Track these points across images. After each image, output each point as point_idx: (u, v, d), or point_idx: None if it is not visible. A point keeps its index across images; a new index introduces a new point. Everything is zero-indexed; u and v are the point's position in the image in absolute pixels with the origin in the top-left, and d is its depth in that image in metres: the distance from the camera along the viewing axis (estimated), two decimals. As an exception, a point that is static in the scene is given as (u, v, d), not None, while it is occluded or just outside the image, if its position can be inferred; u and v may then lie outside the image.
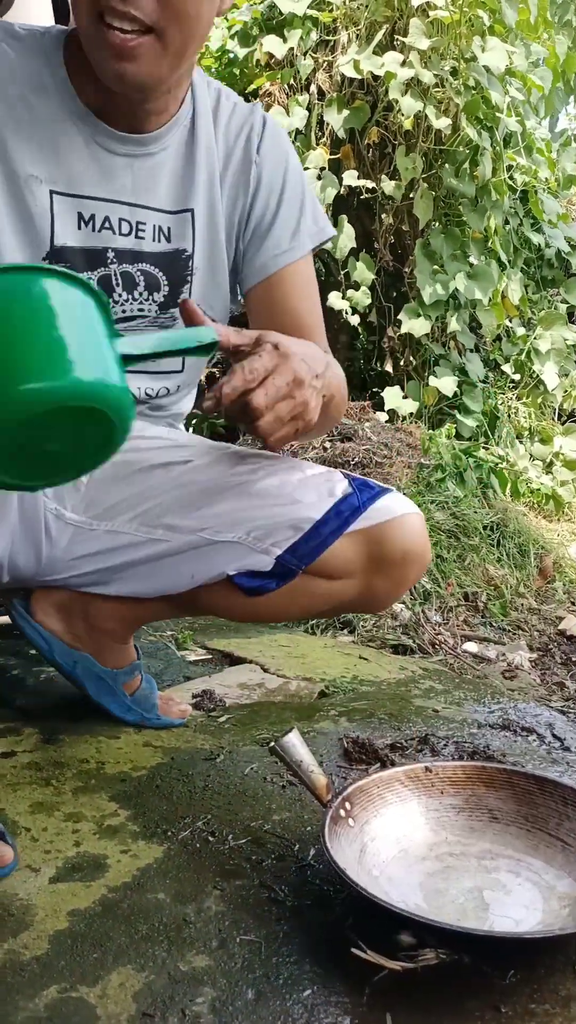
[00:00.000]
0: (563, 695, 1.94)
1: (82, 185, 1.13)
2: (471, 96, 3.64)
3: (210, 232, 1.24)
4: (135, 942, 0.93)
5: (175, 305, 1.23)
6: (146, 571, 1.26)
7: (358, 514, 1.22)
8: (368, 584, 1.27)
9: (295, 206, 1.26)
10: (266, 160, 1.24)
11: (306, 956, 0.92)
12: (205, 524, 1.22)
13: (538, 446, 4.04)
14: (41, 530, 1.23)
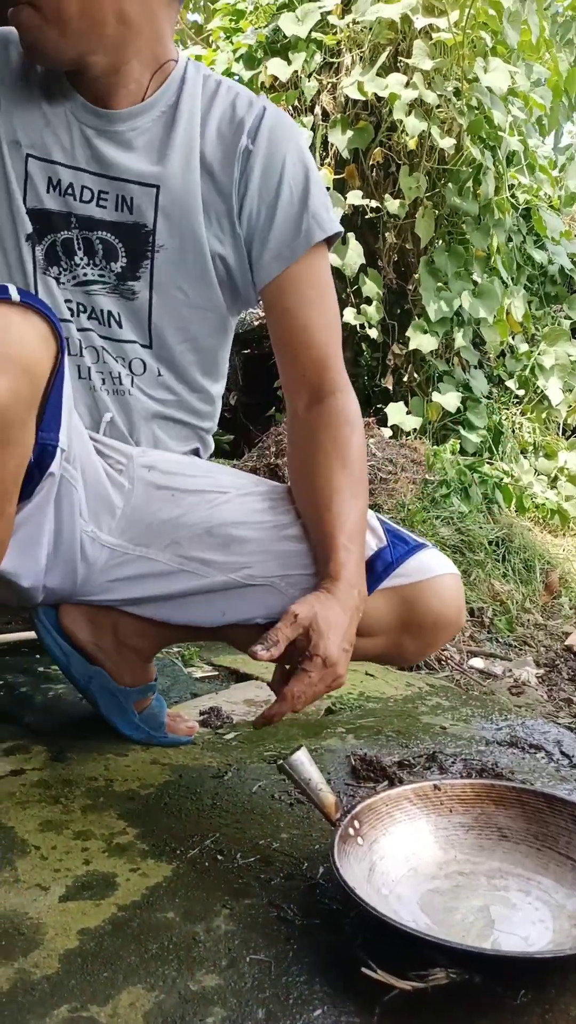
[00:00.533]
0: (570, 711, 1.94)
1: (54, 151, 1.20)
2: (474, 116, 3.68)
3: (181, 214, 1.22)
4: (145, 961, 0.93)
5: (134, 278, 1.24)
6: (180, 602, 1.26)
7: (391, 570, 1.20)
8: (396, 643, 1.26)
9: (296, 201, 1.22)
10: (260, 151, 1.21)
11: (316, 975, 0.92)
12: (240, 565, 1.21)
13: (543, 461, 4.05)
14: (77, 552, 1.22)
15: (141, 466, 1.28)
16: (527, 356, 4.31)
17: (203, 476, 1.31)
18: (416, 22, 3.58)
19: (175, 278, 1.25)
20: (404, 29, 3.72)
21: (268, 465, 3.13)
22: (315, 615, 1.05)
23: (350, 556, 1.12)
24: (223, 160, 1.22)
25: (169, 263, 1.24)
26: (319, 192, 1.24)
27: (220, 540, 1.23)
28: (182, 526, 1.25)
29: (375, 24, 3.70)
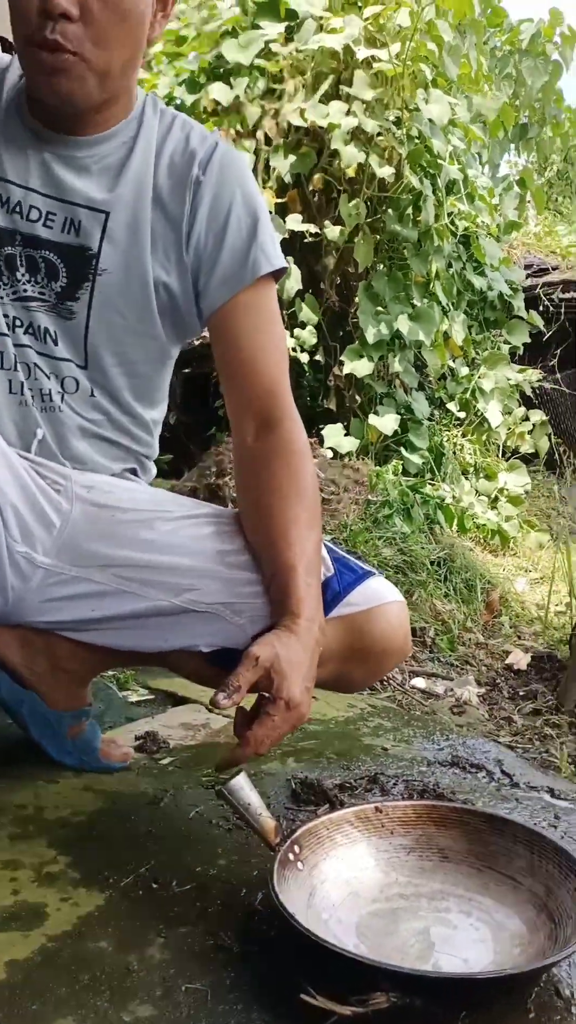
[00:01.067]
0: (511, 730, 1.95)
1: (8, 171, 1.21)
2: (414, 146, 3.75)
3: (128, 241, 1.23)
4: (76, 992, 0.89)
5: (73, 299, 1.24)
6: (120, 627, 1.23)
7: (339, 599, 1.19)
8: (343, 671, 1.24)
9: (244, 232, 1.24)
10: (210, 182, 1.23)
11: (253, 1004, 0.89)
12: (183, 588, 1.19)
13: (483, 482, 4.11)
14: (6, 572, 1.18)
15: (80, 486, 1.26)
16: (467, 379, 4.39)
17: (144, 498, 1.29)
18: (358, 53, 3.65)
19: (115, 303, 1.25)
20: (346, 59, 3.79)
21: (208, 486, 3.11)
22: (276, 656, 1.03)
23: (309, 591, 1.10)
24: (174, 189, 1.24)
25: (110, 287, 1.25)
26: (267, 227, 1.26)
27: (161, 563, 1.21)
28: (122, 547, 1.22)
29: (317, 53, 3.76)
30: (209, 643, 1.20)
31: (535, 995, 0.90)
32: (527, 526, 3.99)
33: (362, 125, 3.64)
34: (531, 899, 1.04)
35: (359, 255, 3.82)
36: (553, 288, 5.67)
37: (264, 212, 1.28)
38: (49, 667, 1.32)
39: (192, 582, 1.20)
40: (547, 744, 1.84)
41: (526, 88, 5.25)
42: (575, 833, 1.30)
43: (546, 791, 1.47)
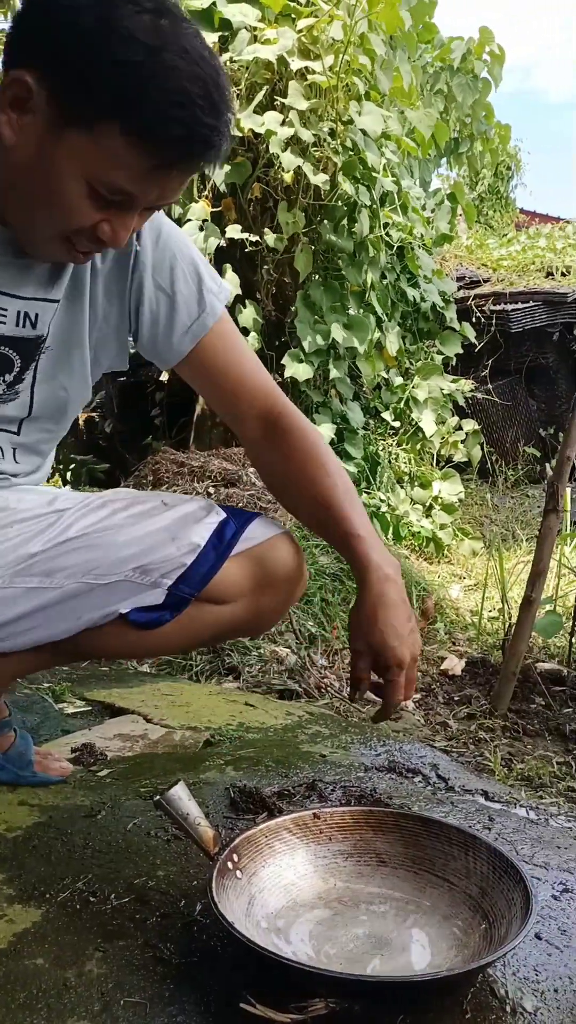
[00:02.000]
0: (446, 735, 1.98)
1: None
2: (348, 156, 3.79)
3: (69, 318, 1.23)
4: (12, 1011, 0.88)
5: (20, 382, 1.23)
6: (28, 623, 1.21)
7: (237, 537, 1.25)
8: (256, 604, 1.30)
9: (192, 277, 1.27)
10: (147, 245, 1.24)
11: (194, 1015, 0.89)
12: (89, 568, 1.19)
13: (418, 490, 4.16)
14: None
15: None
16: (401, 389, 4.44)
17: (33, 496, 1.30)
18: (292, 64, 3.68)
19: (59, 376, 1.26)
20: (280, 70, 3.81)
21: (146, 495, 3.08)
22: (368, 639, 1.15)
23: (365, 541, 1.21)
24: (116, 265, 1.24)
25: (52, 362, 1.24)
26: (207, 268, 1.31)
27: (62, 552, 1.20)
28: (19, 546, 1.21)
29: (252, 64, 3.77)
30: (129, 605, 1.20)
31: (471, 996, 0.92)
32: (461, 534, 4.05)
33: (298, 134, 3.67)
34: (466, 900, 1.06)
35: (299, 264, 3.85)
36: (484, 300, 5.80)
37: (200, 256, 1.32)
38: None
39: (94, 560, 1.19)
40: (481, 748, 1.87)
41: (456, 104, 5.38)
42: (508, 835, 1.33)
43: (480, 794, 1.50)
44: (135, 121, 0.96)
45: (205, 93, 0.97)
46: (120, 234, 1.06)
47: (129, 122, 0.96)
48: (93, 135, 0.97)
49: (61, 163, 1.00)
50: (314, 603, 2.62)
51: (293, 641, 2.46)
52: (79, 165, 0.99)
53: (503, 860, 1.07)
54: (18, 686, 1.95)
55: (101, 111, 0.96)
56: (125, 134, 0.97)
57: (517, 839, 1.32)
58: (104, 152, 0.98)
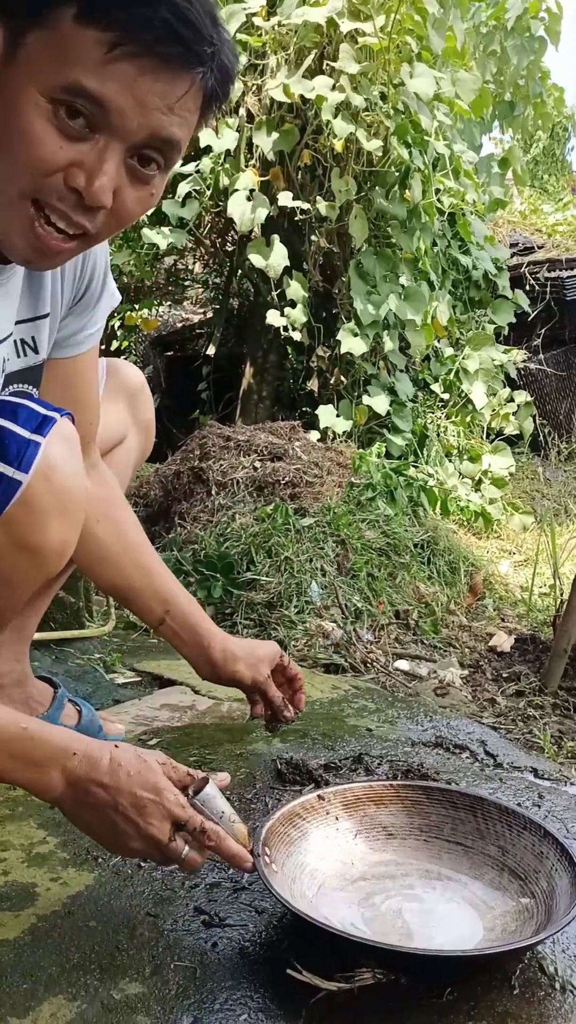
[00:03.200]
0: (494, 711, 1.97)
1: None
2: (400, 120, 3.72)
3: (54, 326, 1.13)
4: (66, 971, 0.91)
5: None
6: None
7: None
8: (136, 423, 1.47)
9: (111, 288, 1.18)
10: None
11: (242, 980, 0.90)
12: None
13: (467, 464, 4.11)
14: None
15: None
16: (451, 360, 4.38)
17: None
18: (342, 26, 3.60)
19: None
20: (330, 33, 3.74)
21: (192, 468, 3.10)
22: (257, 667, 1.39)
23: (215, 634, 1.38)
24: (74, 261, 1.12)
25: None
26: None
27: None
28: None
29: (301, 27, 3.71)
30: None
31: (519, 972, 0.92)
32: (511, 508, 4.00)
33: (349, 99, 3.60)
34: (486, 860, 1.07)
35: (354, 230, 3.79)
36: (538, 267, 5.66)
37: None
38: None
39: None
40: (530, 725, 1.85)
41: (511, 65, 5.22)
42: (559, 812, 1.32)
43: (529, 771, 1.49)
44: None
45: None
46: (97, 181, 0.84)
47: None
48: (48, 30, 0.81)
49: (19, 86, 0.82)
50: (360, 578, 2.61)
51: (339, 616, 2.46)
52: (37, 78, 0.81)
53: (519, 818, 1.07)
54: (70, 656, 1.99)
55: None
56: (79, 15, 0.80)
57: (568, 817, 1.31)
58: (59, 48, 0.80)
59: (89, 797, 0.90)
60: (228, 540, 2.68)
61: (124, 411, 1.46)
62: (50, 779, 0.90)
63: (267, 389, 4.44)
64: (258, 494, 2.96)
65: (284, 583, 2.52)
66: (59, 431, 0.99)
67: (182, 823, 0.91)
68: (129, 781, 0.90)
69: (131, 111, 0.83)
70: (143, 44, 0.81)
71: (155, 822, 0.90)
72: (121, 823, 0.90)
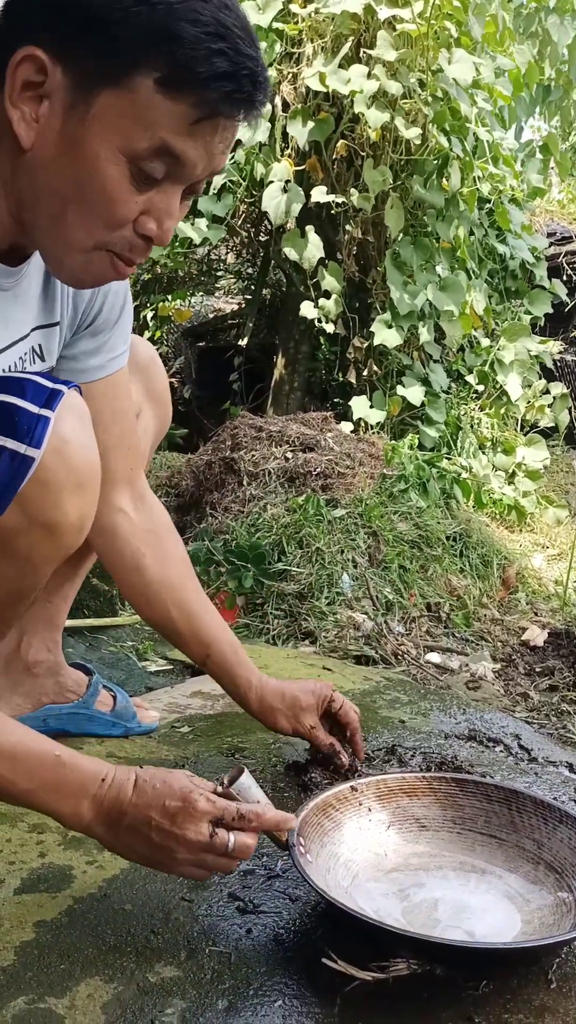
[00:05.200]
0: (527, 705, 1.95)
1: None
2: (439, 107, 3.68)
3: (62, 337, 1.12)
4: (103, 953, 0.91)
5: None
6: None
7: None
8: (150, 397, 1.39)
9: (130, 317, 1.20)
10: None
11: (276, 967, 0.91)
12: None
13: (501, 456, 4.07)
14: None
15: None
16: (487, 351, 4.33)
17: None
18: (380, 13, 3.57)
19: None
20: (367, 19, 3.71)
21: (223, 459, 3.10)
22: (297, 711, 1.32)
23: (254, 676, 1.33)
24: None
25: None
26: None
27: None
28: None
29: (338, 15, 3.68)
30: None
31: (556, 966, 0.92)
32: (545, 501, 3.96)
33: (385, 87, 3.57)
34: (521, 853, 1.06)
35: (390, 221, 3.76)
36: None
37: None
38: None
39: None
40: (564, 720, 1.84)
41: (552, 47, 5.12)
42: (593, 807, 1.31)
43: (565, 766, 1.48)
44: (171, 61, 0.82)
45: (241, 25, 0.85)
46: (166, 224, 0.90)
47: (165, 65, 0.82)
48: (126, 93, 0.83)
49: (93, 142, 0.85)
50: (392, 570, 2.61)
51: (370, 607, 2.46)
52: (114, 137, 0.84)
53: (555, 811, 1.06)
54: (103, 643, 2.00)
55: (130, 59, 0.82)
56: (162, 83, 0.83)
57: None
58: (141, 109, 0.84)
59: (123, 819, 0.90)
60: (259, 530, 2.68)
61: (137, 386, 1.39)
62: (81, 807, 0.90)
63: (299, 380, 4.43)
64: (289, 485, 2.96)
65: (315, 574, 2.52)
66: (68, 403, 0.96)
67: (218, 817, 0.90)
68: (156, 793, 0.90)
69: (202, 161, 0.88)
70: (225, 107, 0.86)
71: (190, 826, 0.89)
72: (159, 838, 0.89)
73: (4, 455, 0.92)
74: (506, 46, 4.15)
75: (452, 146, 3.74)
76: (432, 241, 3.90)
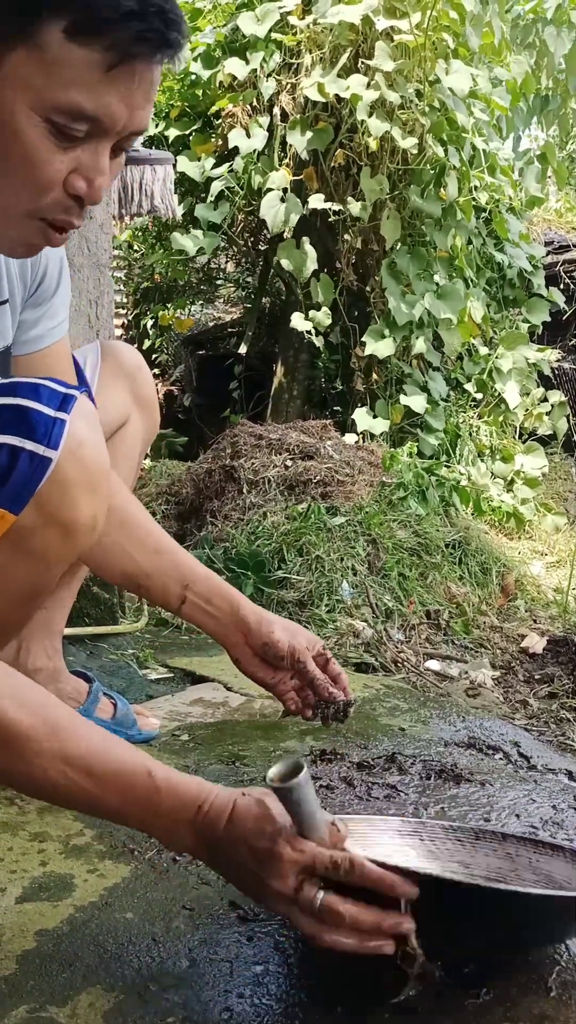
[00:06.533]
0: (526, 713, 1.96)
1: None
2: (436, 117, 3.70)
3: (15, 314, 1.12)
4: (104, 961, 0.92)
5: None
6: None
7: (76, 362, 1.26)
8: (138, 402, 1.45)
9: (68, 283, 1.20)
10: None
11: (278, 975, 0.91)
12: None
13: (499, 464, 4.09)
14: None
15: None
16: (485, 359, 4.35)
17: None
18: (377, 24, 3.60)
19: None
20: (365, 31, 3.73)
21: (223, 467, 3.11)
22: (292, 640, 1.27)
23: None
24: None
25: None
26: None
27: None
28: None
29: (336, 26, 3.71)
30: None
31: (556, 974, 0.92)
32: (543, 509, 3.97)
33: (384, 97, 3.59)
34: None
35: (386, 231, 3.77)
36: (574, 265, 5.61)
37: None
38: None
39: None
40: (563, 727, 1.84)
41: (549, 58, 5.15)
42: (593, 814, 1.32)
43: (564, 773, 1.48)
44: (76, 6, 0.79)
45: None
46: (97, 182, 0.87)
47: (69, 12, 0.79)
48: (34, 48, 0.81)
49: (8, 105, 0.82)
50: (391, 577, 2.61)
51: (370, 615, 2.46)
52: (28, 97, 0.82)
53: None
54: (104, 651, 2.00)
55: (34, 11, 0.80)
56: (71, 32, 0.80)
57: (601, 819, 1.30)
58: (52, 66, 0.81)
59: (219, 851, 0.85)
60: (259, 538, 2.69)
61: (124, 393, 1.43)
62: (179, 832, 0.86)
63: (298, 388, 4.44)
64: (289, 493, 2.97)
65: (315, 582, 2.52)
66: (80, 408, 0.99)
67: (307, 866, 0.80)
68: (247, 831, 0.82)
69: (123, 114, 0.85)
70: (139, 51, 0.82)
71: (275, 877, 0.80)
72: (251, 880, 0.83)
73: (23, 456, 0.94)
74: (503, 56, 4.18)
75: (449, 156, 3.76)
76: (430, 250, 3.92)
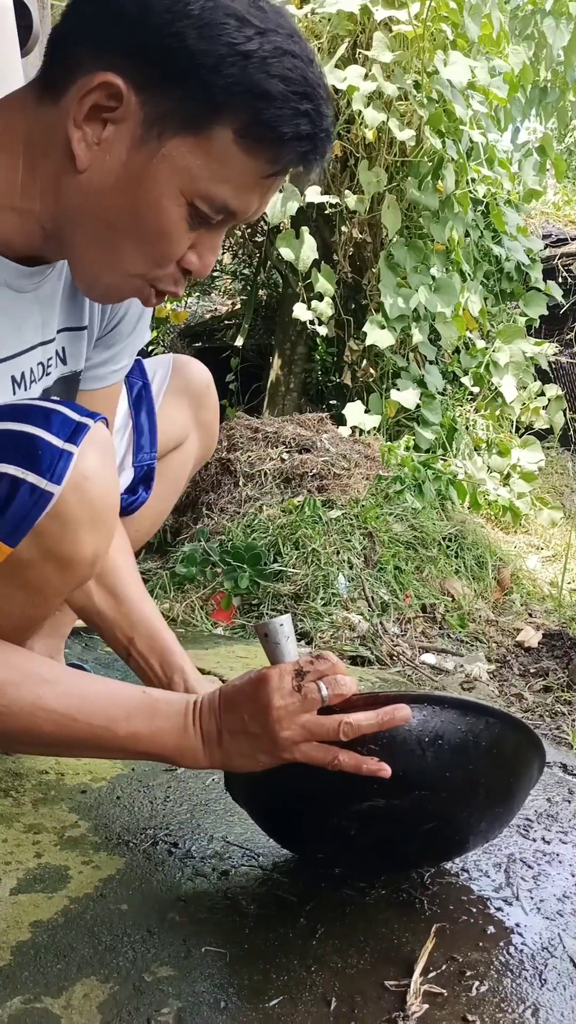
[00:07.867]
0: (522, 706, 1.96)
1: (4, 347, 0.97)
2: (434, 109, 3.69)
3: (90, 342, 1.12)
4: (99, 953, 0.92)
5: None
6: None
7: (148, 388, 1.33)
8: (199, 422, 1.44)
9: (144, 335, 1.20)
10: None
11: (272, 966, 0.91)
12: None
13: (496, 458, 4.08)
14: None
15: None
16: (482, 353, 4.34)
17: None
18: (376, 14, 3.58)
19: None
20: (363, 21, 3.72)
21: (220, 460, 3.11)
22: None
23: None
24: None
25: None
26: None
27: None
28: None
29: (334, 16, 3.69)
30: None
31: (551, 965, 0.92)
32: (540, 503, 3.97)
33: (381, 88, 3.57)
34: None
35: (387, 221, 3.75)
36: (572, 259, 5.60)
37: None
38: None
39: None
40: (558, 721, 1.85)
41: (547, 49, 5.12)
42: (587, 807, 1.32)
43: (559, 766, 1.48)
44: (256, 117, 0.81)
45: (323, 82, 0.85)
46: (208, 260, 0.91)
47: (248, 118, 0.81)
48: (203, 139, 0.82)
49: (159, 181, 0.84)
50: (387, 571, 2.61)
51: (366, 608, 2.47)
52: (182, 180, 0.84)
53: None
54: (99, 644, 2.00)
55: (214, 108, 0.81)
56: (241, 135, 0.82)
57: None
58: (214, 160, 0.83)
59: (223, 735, 0.91)
60: (255, 531, 2.68)
61: (187, 412, 1.41)
62: (184, 729, 0.92)
63: (295, 381, 4.43)
64: (285, 486, 2.96)
65: (311, 575, 2.52)
66: (93, 438, 0.94)
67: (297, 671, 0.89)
68: (236, 691, 0.92)
69: (256, 207, 0.90)
70: (296, 166, 0.87)
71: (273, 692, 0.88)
72: (255, 727, 0.89)
73: (24, 488, 0.90)
74: (502, 48, 4.16)
75: (447, 148, 3.75)
76: (427, 243, 3.91)
